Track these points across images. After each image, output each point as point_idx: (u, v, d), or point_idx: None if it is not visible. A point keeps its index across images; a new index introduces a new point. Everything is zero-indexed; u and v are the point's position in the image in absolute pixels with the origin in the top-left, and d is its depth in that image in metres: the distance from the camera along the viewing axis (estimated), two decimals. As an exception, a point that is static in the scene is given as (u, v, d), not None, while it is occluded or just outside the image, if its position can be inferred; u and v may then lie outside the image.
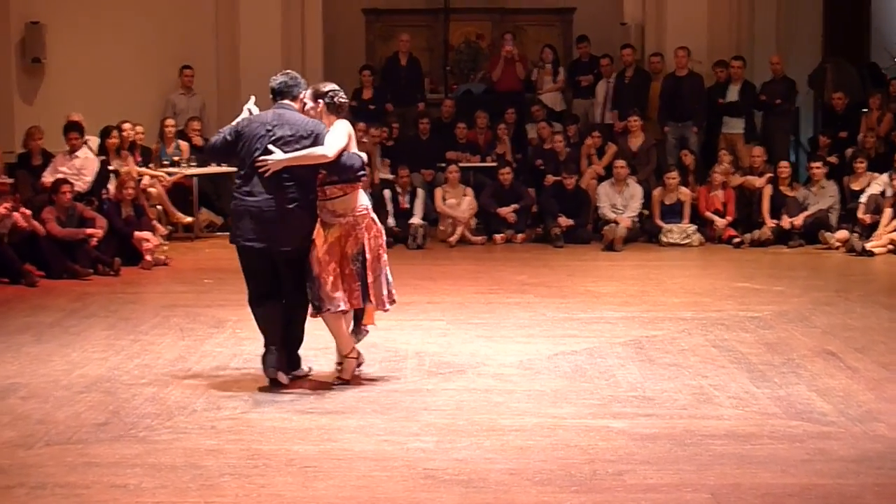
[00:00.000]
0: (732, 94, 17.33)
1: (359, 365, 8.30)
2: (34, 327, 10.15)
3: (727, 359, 8.83)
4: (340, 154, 8.00)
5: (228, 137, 8.18)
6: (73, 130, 14.81)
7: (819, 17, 19.24)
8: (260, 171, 7.95)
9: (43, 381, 8.18)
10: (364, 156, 8.27)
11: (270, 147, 7.94)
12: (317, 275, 7.95)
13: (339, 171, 8.01)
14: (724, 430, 6.98)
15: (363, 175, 8.17)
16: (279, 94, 8.25)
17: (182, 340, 9.56)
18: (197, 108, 17.78)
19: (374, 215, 8.24)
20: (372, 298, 8.14)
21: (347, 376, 8.15)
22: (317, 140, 7.99)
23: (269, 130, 8.01)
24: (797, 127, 18.62)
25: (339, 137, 8.07)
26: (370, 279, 8.11)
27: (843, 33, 19.15)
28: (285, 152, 7.91)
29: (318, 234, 8.02)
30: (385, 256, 8.26)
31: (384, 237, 8.32)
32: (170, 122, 16.78)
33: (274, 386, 7.98)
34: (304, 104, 8.29)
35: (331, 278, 7.95)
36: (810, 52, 18.90)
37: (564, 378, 8.30)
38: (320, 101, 8.29)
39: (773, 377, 8.25)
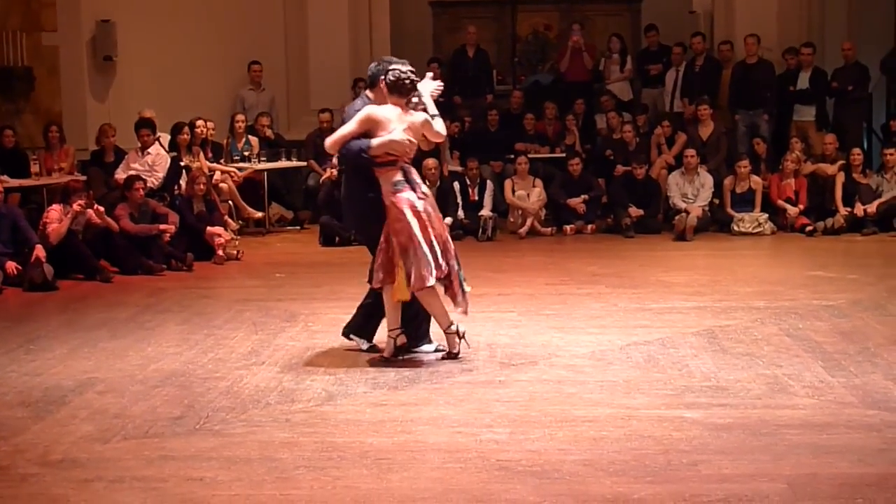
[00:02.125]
0: (803, 81, 17.17)
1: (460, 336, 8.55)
2: (109, 323, 10.25)
3: (801, 348, 8.76)
4: (345, 142, 8.25)
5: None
6: (145, 127, 14.96)
7: (892, 1, 18.99)
8: None
9: (119, 376, 8.26)
10: (378, 140, 8.22)
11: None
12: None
13: (345, 159, 8.52)
14: (800, 419, 6.92)
15: (365, 158, 8.24)
16: (367, 85, 8.63)
17: (255, 334, 9.61)
18: (266, 103, 17.88)
19: (399, 198, 8.25)
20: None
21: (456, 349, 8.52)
22: None
23: None
24: (870, 114, 18.41)
25: (344, 127, 8.35)
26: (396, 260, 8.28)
27: (916, 17, 18.91)
28: None
29: None
30: (412, 244, 8.22)
31: (406, 222, 8.23)
32: (240, 117, 16.88)
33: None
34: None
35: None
36: (883, 37, 18.65)
37: (637, 368, 8.27)
38: (381, 82, 8.38)
39: (848, 366, 8.17)
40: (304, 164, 16.98)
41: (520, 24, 20.47)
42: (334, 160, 15.39)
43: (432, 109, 8.49)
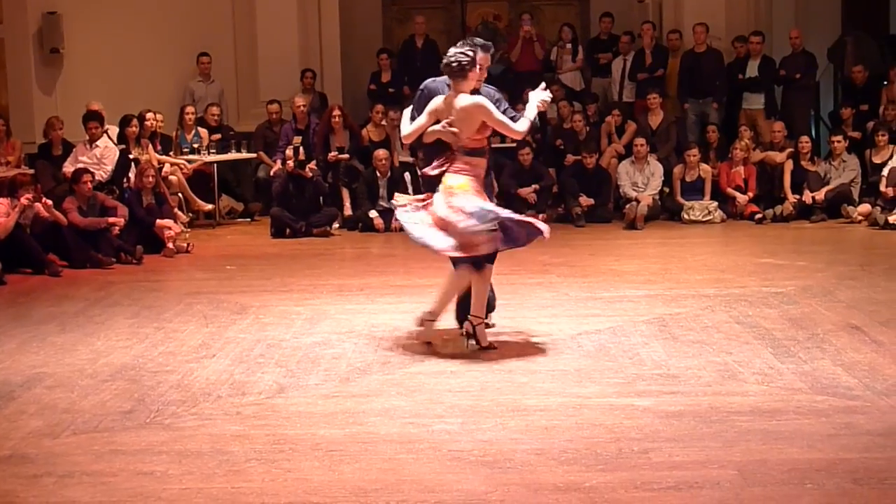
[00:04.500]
0: (752, 69, 17.26)
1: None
2: (58, 317, 10.18)
3: (751, 335, 8.81)
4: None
5: None
6: (93, 120, 14.85)
7: (838, -10, 19.16)
8: None
9: (68, 371, 8.20)
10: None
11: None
12: None
13: None
14: (750, 406, 6.96)
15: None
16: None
17: (206, 327, 9.57)
18: (216, 95, 17.80)
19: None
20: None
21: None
22: None
23: None
24: (817, 101, 18.52)
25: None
26: None
27: (862, 6, 19.03)
28: None
29: None
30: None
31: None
32: (189, 109, 16.80)
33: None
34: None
35: None
36: (830, 25, 18.78)
37: (588, 357, 8.29)
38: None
39: (797, 352, 8.22)
40: (254, 155, 16.92)
41: (469, 15, 20.45)
42: (289, 151, 15.35)
43: (530, 114, 8.63)
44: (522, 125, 8.58)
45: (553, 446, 6.28)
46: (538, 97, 8.66)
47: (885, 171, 15.24)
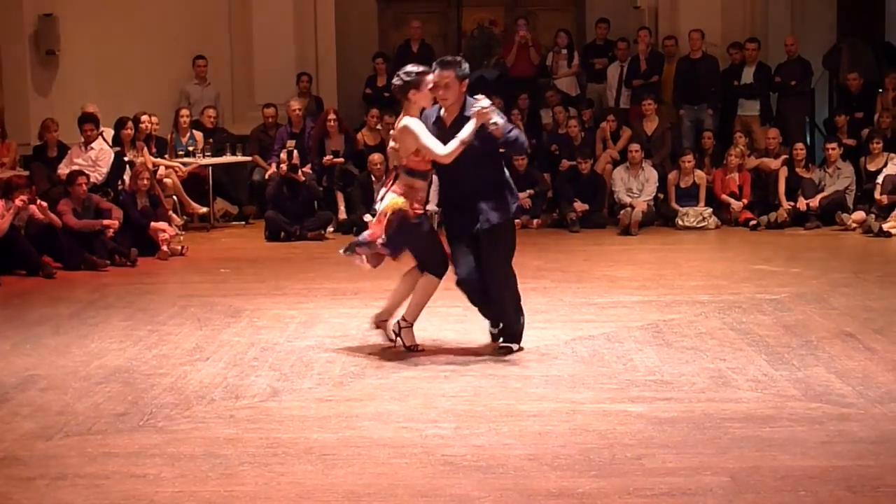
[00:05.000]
0: (747, 76, 17.28)
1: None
2: (52, 319, 10.18)
3: (745, 341, 8.82)
4: None
5: None
6: (88, 122, 14.84)
7: (833, -3, 19.18)
8: None
9: (62, 373, 8.20)
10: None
11: None
12: None
13: None
14: (743, 413, 6.97)
15: None
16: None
17: (199, 330, 9.57)
18: (211, 98, 17.79)
19: None
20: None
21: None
22: None
23: None
24: (812, 108, 18.54)
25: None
26: None
27: (857, 13, 19.07)
28: None
29: None
30: None
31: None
32: (184, 112, 16.79)
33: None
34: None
35: None
36: (825, 32, 18.82)
37: (582, 363, 8.30)
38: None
39: (791, 359, 8.23)
40: (249, 159, 16.92)
41: (465, 20, 20.46)
42: (283, 155, 15.36)
43: (463, 133, 8.54)
44: (448, 148, 8.42)
45: (546, 452, 6.29)
46: (475, 110, 8.41)
47: (880, 179, 15.27)
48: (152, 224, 13.70)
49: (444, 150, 8.42)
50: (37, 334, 9.50)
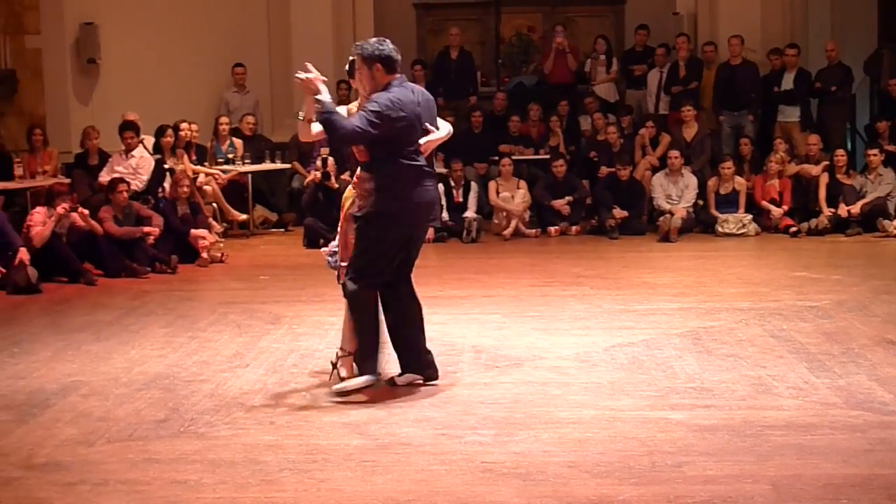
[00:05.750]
0: (787, 82, 17.20)
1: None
2: (94, 325, 10.23)
3: (786, 349, 8.78)
4: None
5: (377, 123, 7.35)
6: (129, 130, 14.94)
7: (874, 2, 19.03)
8: (426, 153, 7.73)
9: (103, 379, 8.24)
10: None
11: (429, 127, 7.69)
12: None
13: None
14: (784, 420, 6.94)
15: None
16: (397, 63, 7.74)
17: (239, 337, 9.60)
18: (250, 105, 17.85)
19: None
20: None
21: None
22: (434, 110, 7.94)
23: (419, 108, 7.64)
24: (853, 114, 18.44)
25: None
26: None
27: (899, 18, 18.96)
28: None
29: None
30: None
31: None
32: (224, 119, 16.86)
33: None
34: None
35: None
36: (866, 38, 18.69)
37: (622, 370, 8.28)
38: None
39: (832, 367, 8.19)
40: (289, 166, 16.97)
41: (503, 26, 20.47)
42: (318, 162, 15.42)
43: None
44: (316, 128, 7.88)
45: (586, 459, 6.27)
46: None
47: (921, 185, 15.18)
48: (192, 231, 13.76)
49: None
50: (78, 341, 9.55)
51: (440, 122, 7.93)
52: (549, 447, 6.52)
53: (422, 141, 7.64)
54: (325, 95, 7.50)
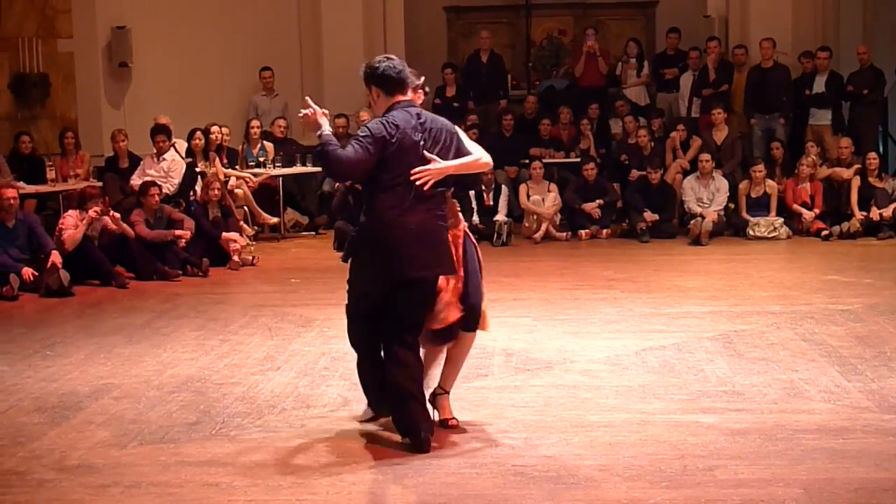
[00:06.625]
0: (819, 85, 17.12)
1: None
2: (125, 328, 10.28)
3: (817, 352, 8.75)
4: None
5: (370, 149, 6.56)
6: (161, 133, 14.98)
7: (906, 5, 18.98)
8: (418, 183, 6.56)
9: (135, 382, 8.28)
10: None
11: (429, 155, 6.62)
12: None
13: (472, 180, 7.09)
14: (816, 424, 6.92)
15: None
16: (399, 85, 6.81)
17: (270, 340, 9.63)
18: (279, 109, 17.87)
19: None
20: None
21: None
22: (456, 143, 6.80)
23: (421, 135, 6.66)
24: (885, 117, 18.36)
25: (476, 145, 7.00)
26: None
27: (931, 21, 18.88)
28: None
29: None
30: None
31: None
32: (255, 123, 16.90)
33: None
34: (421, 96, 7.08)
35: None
36: (898, 40, 18.64)
37: (652, 373, 8.27)
38: (420, 91, 7.06)
39: (864, 371, 8.16)
40: (320, 169, 16.95)
41: (534, 29, 20.44)
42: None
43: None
44: None
45: (617, 462, 6.27)
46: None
47: (954, 188, 15.10)
48: (223, 234, 13.80)
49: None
50: (110, 344, 9.60)
51: (475, 148, 6.93)
52: (579, 450, 6.52)
53: (419, 169, 6.58)
54: (326, 129, 6.73)
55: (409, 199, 6.58)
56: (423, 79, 7.07)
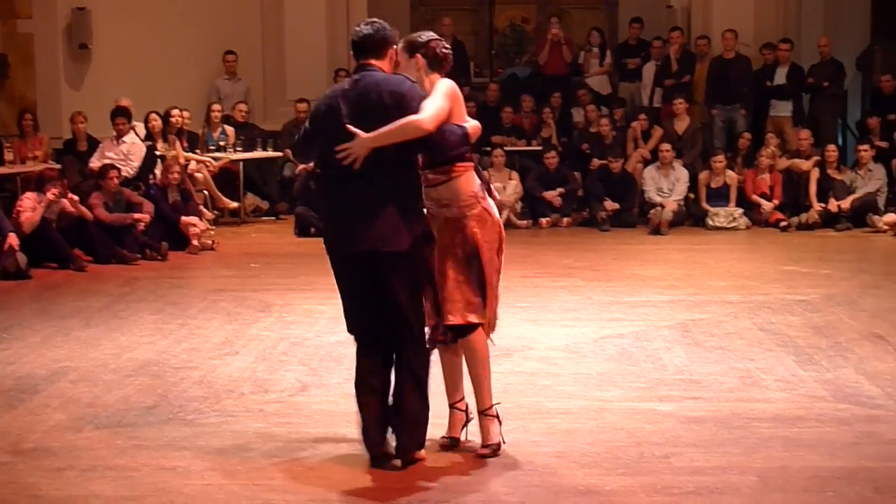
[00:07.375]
0: (780, 76, 17.19)
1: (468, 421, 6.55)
2: (83, 312, 10.23)
3: (774, 342, 8.80)
4: (441, 124, 6.03)
5: (308, 126, 6.37)
6: (121, 116, 14.90)
7: (867, -1, 19.08)
8: (345, 163, 5.93)
9: (92, 365, 8.25)
10: (470, 124, 6.36)
11: (350, 127, 5.94)
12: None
13: (436, 149, 6.11)
14: (771, 413, 6.96)
15: (465, 151, 6.28)
16: (362, 51, 6.28)
17: (229, 324, 9.61)
18: (241, 93, 17.80)
19: (490, 203, 6.32)
20: (487, 311, 6.38)
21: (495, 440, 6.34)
22: (395, 104, 6.00)
23: (345, 104, 6.05)
24: (845, 110, 18.44)
25: (438, 101, 6.06)
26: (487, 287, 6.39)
27: (891, 14, 18.91)
28: (370, 130, 5.91)
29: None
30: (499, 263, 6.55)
31: (503, 232, 6.51)
32: (216, 107, 16.84)
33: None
34: (397, 62, 6.38)
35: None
36: (859, 34, 18.69)
37: (611, 361, 8.30)
38: (418, 54, 6.40)
39: (820, 360, 8.21)
40: (280, 154, 16.92)
41: (497, 17, 20.46)
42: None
43: None
44: None
45: (574, 449, 6.29)
46: None
47: (911, 181, 15.20)
48: (183, 218, 13.74)
49: None
50: (67, 327, 9.55)
51: (426, 106, 6.02)
52: (537, 437, 6.53)
53: (340, 147, 5.96)
54: None
55: (344, 174, 5.96)
56: (397, 46, 6.42)
